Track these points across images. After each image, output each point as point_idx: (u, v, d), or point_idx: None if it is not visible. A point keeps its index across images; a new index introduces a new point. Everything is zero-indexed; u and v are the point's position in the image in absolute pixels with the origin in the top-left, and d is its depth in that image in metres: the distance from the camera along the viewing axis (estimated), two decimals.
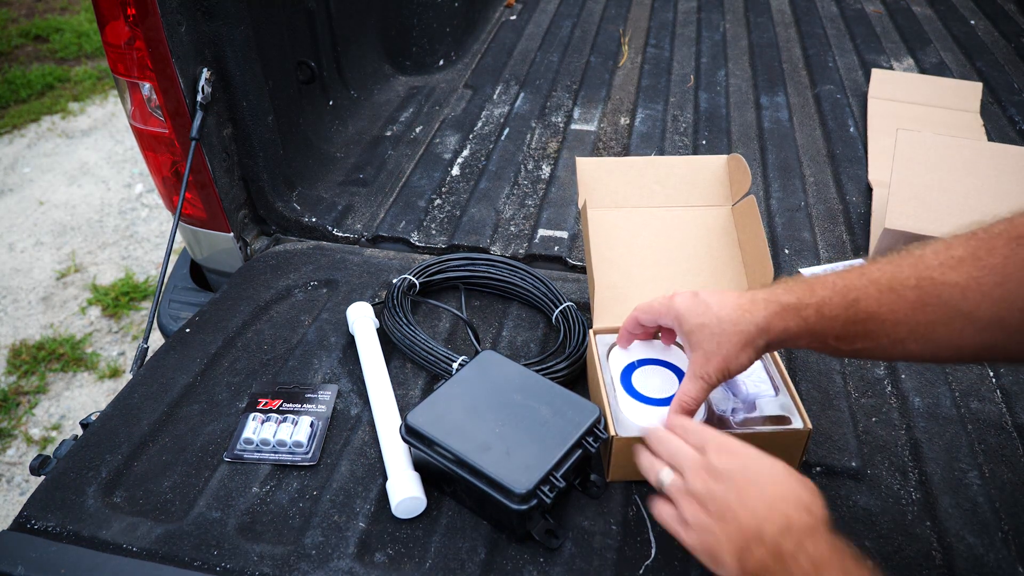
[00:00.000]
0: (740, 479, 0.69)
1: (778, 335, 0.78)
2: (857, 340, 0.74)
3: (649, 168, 1.17)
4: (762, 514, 0.66)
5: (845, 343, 0.75)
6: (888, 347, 0.73)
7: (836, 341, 0.75)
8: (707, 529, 0.68)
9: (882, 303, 0.72)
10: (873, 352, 0.75)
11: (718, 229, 1.15)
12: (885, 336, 0.72)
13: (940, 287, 0.69)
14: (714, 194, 1.17)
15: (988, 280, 0.67)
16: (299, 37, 1.55)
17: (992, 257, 0.67)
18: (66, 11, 4.51)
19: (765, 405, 0.95)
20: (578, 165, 1.15)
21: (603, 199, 1.16)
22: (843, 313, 0.74)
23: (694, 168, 1.17)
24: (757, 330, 0.78)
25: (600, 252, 1.12)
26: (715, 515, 0.68)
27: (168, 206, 1.42)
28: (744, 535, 0.65)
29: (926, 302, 0.70)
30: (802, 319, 0.76)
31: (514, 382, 0.95)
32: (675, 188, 1.17)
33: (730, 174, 1.16)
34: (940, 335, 0.70)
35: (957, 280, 0.68)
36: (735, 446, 0.73)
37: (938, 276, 0.69)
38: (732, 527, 0.66)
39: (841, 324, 0.74)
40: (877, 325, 0.72)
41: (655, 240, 1.15)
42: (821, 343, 0.77)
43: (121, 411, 1.04)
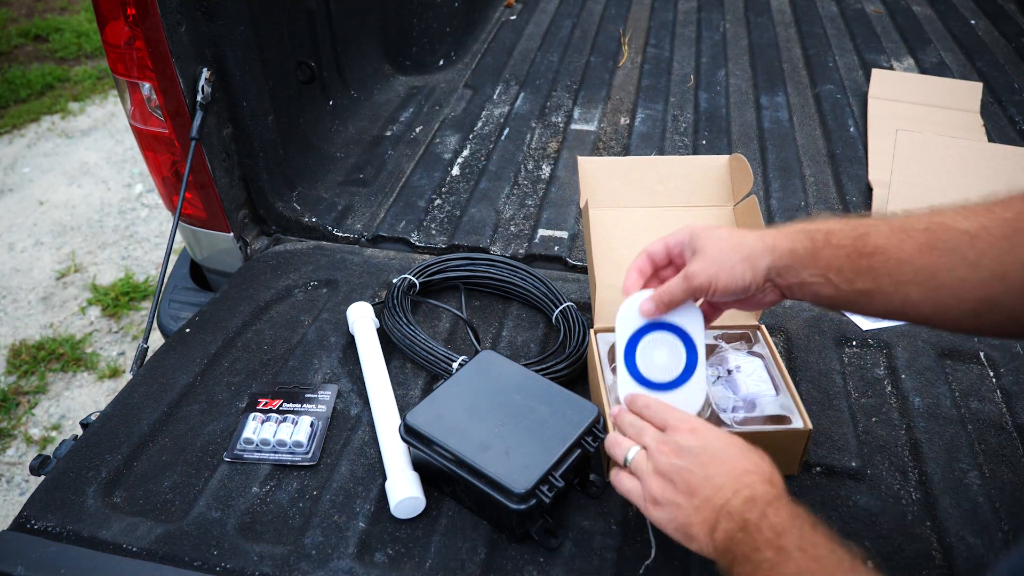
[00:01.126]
0: (704, 455, 0.72)
1: (783, 256, 0.77)
2: (859, 278, 0.72)
3: (651, 168, 1.17)
4: (728, 488, 0.69)
5: (846, 280, 0.73)
6: (889, 290, 0.71)
7: (838, 276, 0.73)
8: (676, 505, 0.71)
9: (891, 239, 0.71)
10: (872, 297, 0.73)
11: None
12: (888, 275, 0.71)
13: (949, 231, 0.69)
14: (716, 194, 1.17)
15: (997, 231, 0.66)
16: (299, 37, 1.55)
17: (1006, 211, 0.67)
18: (66, 11, 4.51)
19: (765, 405, 0.95)
20: (580, 164, 1.15)
21: (605, 198, 1.16)
22: (851, 243, 0.73)
23: (696, 168, 1.17)
24: (763, 246, 0.78)
25: (601, 252, 1.12)
26: (683, 491, 0.71)
27: (168, 206, 1.42)
28: (712, 509, 0.68)
29: (934, 245, 0.69)
30: (810, 240, 0.76)
31: (513, 382, 0.95)
32: (677, 188, 1.17)
33: (732, 174, 1.16)
34: (943, 281, 0.68)
35: (967, 227, 0.68)
36: (695, 423, 0.75)
37: (949, 222, 0.69)
38: (700, 501, 0.69)
39: (846, 255, 0.73)
40: (882, 261, 0.71)
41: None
42: (823, 277, 0.75)
43: (121, 411, 1.04)
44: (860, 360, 1.14)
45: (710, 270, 0.80)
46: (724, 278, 0.79)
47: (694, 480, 0.70)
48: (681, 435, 0.74)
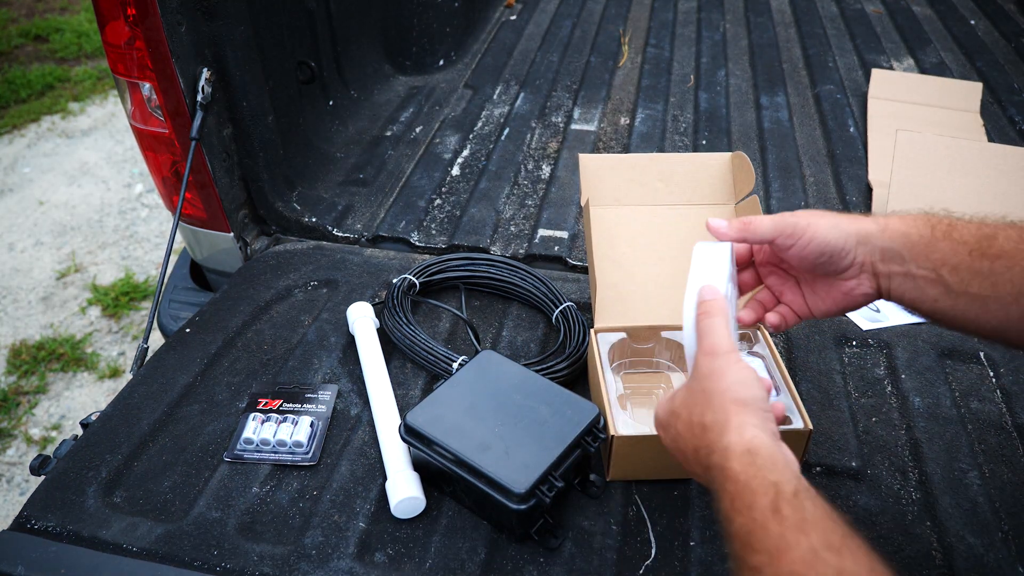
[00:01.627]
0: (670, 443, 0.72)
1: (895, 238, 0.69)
2: (976, 280, 0.65)
3: (652, 165, 1.17)
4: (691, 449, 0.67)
5: (960, 280, 0.66)
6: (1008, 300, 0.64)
7: (952, 275, 0.66)
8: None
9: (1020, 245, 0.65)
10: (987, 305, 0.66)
11: None
12: (1010, 283, 0.64)
13: None
14: (717, 192, 1.17)
15: None
16: (299, 37, 1.54)
17: None
18: (66, 11, 4.51)
19: None
20: (581, 162, 1.15)
21: (606, 196, 1.16)
22: (975, 243, 0.66)
23: (697, 166, 1.17)
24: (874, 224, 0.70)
25: (602, 250, 1.12)
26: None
27: (168, 206, 1.42)
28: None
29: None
30: (929, 227, 0.68)
31: (513, 382, 0.95)
32: (678, 186, 1.17)
33: (734, 172, 1.16)
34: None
35: None
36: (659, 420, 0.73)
37: None
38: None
39: (968, 252, 0.66)
40: (1006, 266, 0.64)
41: (658, 238, 1.15)
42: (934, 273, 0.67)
43: (121, 411, 1.04)
44: (860, 360, 1.14)
45: (809, 216, 0.72)
46: (823, 225, 0.71)
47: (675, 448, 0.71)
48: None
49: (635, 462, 0.93)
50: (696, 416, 0.65)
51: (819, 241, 0.71)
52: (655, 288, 1.10)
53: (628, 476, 0.95)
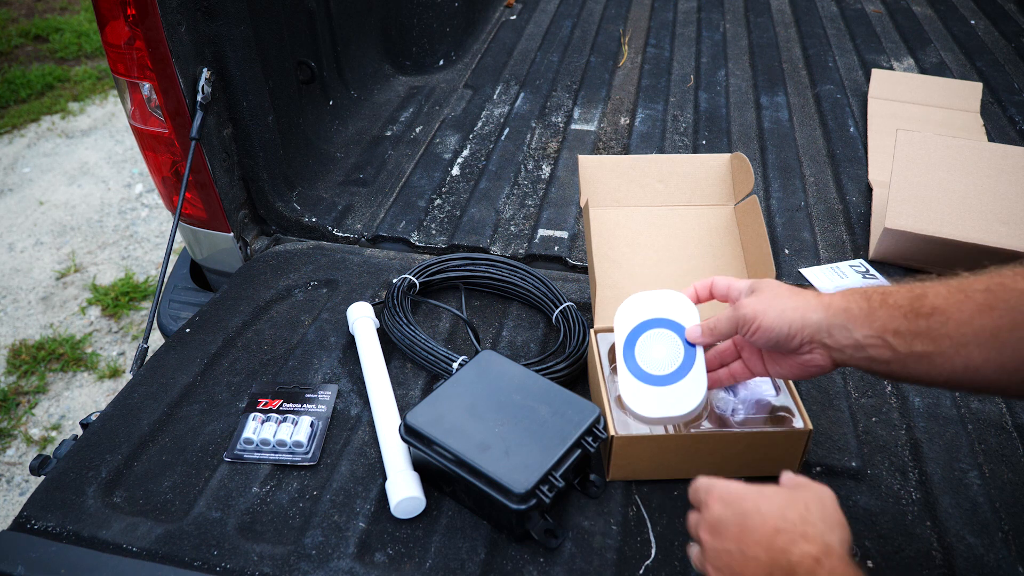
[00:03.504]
0: (734, 527, 0.66)
1: (837, 314, 0.75)
2: (918, 340, 0.70)
3: (652, 166, 1.17)
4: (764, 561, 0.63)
5: (904, 343, 0.71)
6: (950, 352, 0.69)
7: (895, 338, 0.71)
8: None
9: (949, 300, 0.69)
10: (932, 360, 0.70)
11: (720, 228, 1.15)
12: (948, 337, 0.69)
13: (1010, 292, 0.67)
14: (716, 193, 1.17)
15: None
16: (299, 37, 1.54)
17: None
18: (66, 11, 4.51)
19: (765, 405, 0.95)
20: (580, 163, 1.15)
21: (605, 197, 1.16)
22: (908, 304, 0.71)
23: (697, 166, 1.17)
24: (817, 302, 0.77)
25: (602, 251, 1.12)
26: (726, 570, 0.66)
27: (168, 206, 1.42)
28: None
29: (994, 305, 0.67)
30: (865, 299, 0.74)
31: (513, 382, 0.95)
32: (677, 187, 1.17)
33: (733, 173, 1.16)
34: (1005, 341, 0.67)
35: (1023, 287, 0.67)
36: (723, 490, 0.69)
37: (1009, 282, 0.68)
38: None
39: (903, 315, 0.71)
40: (941, 322, 0.69)
41: (657, 239, 1.15)
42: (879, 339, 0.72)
43: (121, 411, 1.04)
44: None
45: (759, 306, 0.79)
46: (771, 316, 0.78)
47: (734, 561, 0.65)
48: (711, 509, 0.69)
49: (635, 462, 0.93)
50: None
51: (766, 330, 0.79)
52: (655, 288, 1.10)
53: (628, 476, 0.95)
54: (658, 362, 0.91)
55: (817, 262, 1.34)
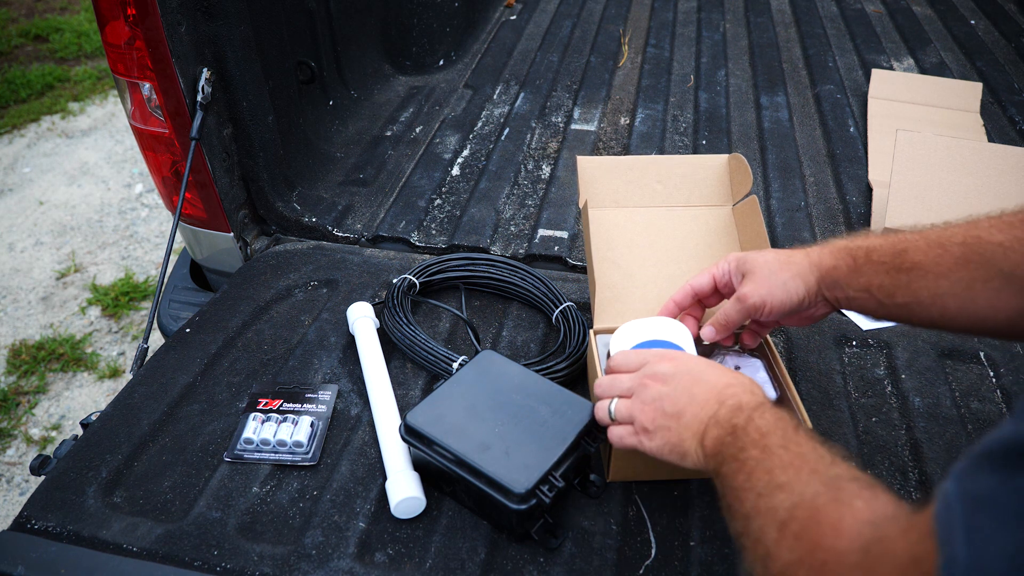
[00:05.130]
0: (685, 378, 0.75)
1: (828, 272, 0.81)
2: (899, 292, 0.76)
3: (650, 167, 1.17)
4: (713, 401, 0.72)
5: (886, 294, 0.77)
6: (928, 303, 0.74)
7: (880, 292, 0.77)
8: (667, 427, 0.74)
9: (928, 255, 0.74)
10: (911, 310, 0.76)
11: (719, 229, 1.15)
12: (926, 290, 0.74)
13: (985, 245, 0.71)
14: (715, 194, 1.17)
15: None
16: (299, 37, 1.54)
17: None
18: (66, 11, 4.51)
19: None
20: (579, 164, 1.15)
21: (604, 198, 1.16)
22: (891, 260, 0.76)
23: (695, 167, 1.17)
24: (808, 263, 0.83)
25: (600, 252, 1.12)
26: (671, 414, 0.74)
27: (168, 206, 1.42)
28: (701, 421, 0.71)
29: (969, 258, 0.72)
30: (852, 258, 0.80)
31: (513, 382, 0.95)
32: (676, 187, 1.17)
33: (731, 174, 1.16)
34: (978, 293, 0.71)
35: (1002, 240, 0.70)
36: (669, 353, 0.79)
37: (985, 235, 0.72)
38: (688, 418, 0.72)
39: (886, 271, 0.77)
40: (920, 276, 0.74)
41: (656, 240, 1.15)
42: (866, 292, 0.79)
43: (121, 411, 1.04)
44: (860, 360, 1.14)
45: (762, 290, 0.84)
46: (778, 295, 0.83)
47: (680, 401, 0.74)
48: (658, 364, 0.78)
49: (634, 463, 0.93)
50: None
51: (778, 310, 0.84)
52: (654, 289, 1.10)
53: (628, 477, 0.95)
54: None
55: None
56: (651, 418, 0.75)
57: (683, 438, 0.72)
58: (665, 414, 0.74)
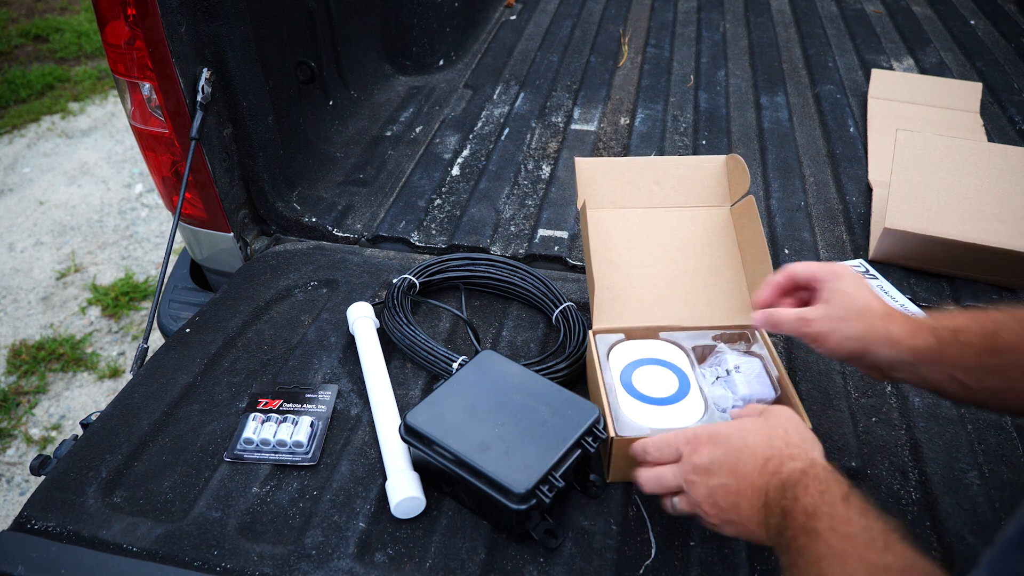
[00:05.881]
0: (727, 463, 0.72)
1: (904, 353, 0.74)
2: (988, 376, 0.70)
3: (648, 168, 1.17)
4: (759, 485, 0.69)
5: (974, 378, 0.70)
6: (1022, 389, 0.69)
7: (964, 374, 0.71)
8: (732, 521, 0.72)
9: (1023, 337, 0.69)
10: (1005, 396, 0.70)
11: (717, 229, 1.15)
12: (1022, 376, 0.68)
13: None
14: (713, 194, 1.17)
15: None
16: (299, 37, 1.54)
17: None
18: (66, 11, 4.51)
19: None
20: (577, 165, 1.15)
21: (602, 199, 1.16)
22: (980, 342, 0.70)
23: (693, 168, 1.17)
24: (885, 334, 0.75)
25: (599, 253, 1.12)
26: (728, 507, 0.71)
27: (168, 206, 1.42)
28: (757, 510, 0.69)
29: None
30: (935, 337, 0.73)
31: (513, 382, 0.95)
32: (674, 188, 1.17)
33: (729, 174, 1.16)
34: None
35: None
36: (704, 434, 0.75)
37: None
38: (745, 509, 0.70)
39: (975, 353, 0.70)
40: (1014, 360, 0.68)
41: (654, 241, 1.15)
42: (946, 375, 0.72)
43: (121, 411, 1.04)
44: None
45: (825, 325, 0.79)
46: (832, 342, 0.78)
47: (732, 492, 0.71)
48: (696, 456, 0.74)
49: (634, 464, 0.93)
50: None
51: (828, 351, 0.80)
52: (652, 289, 1.10)
53: (628, 477, 0.95)
54: (655, 388, 0.98)
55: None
56: (713, 514, 0.73)
57: (750, 530, 0.70)
58: (723, 509, 0.72)
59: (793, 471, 0.67)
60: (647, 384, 0.99)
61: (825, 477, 0.65)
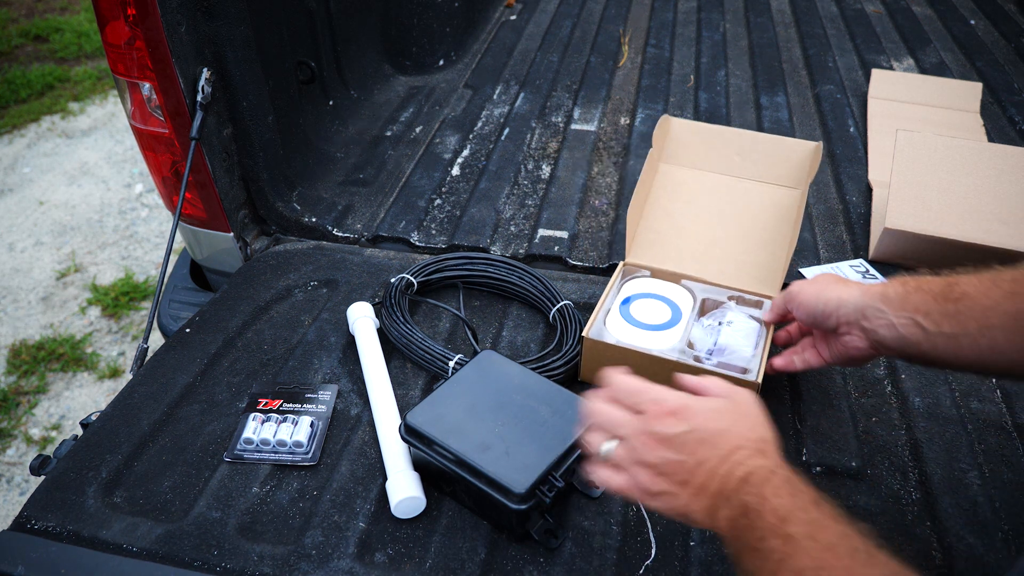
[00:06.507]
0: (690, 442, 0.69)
1: (874, 297, 0.84)
2: (946, 321, 0.77)
3: (735, 139, 1.24)
4: (720, 469, 0.66)
5: (932, 322, 0.78)
6: (975, 334, 0.75)
7: (924, 318, 0.78)
8: (672, 495, 0.69)
9: (978, 287, 0.76)
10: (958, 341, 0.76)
11: (781, 209, 1.20)
12: (974, 320, 0.75)
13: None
14: (788, 176, 1.22)
15: None
16: (299, 37, 1.54)
17: None
18: (66, 11, 4.51)
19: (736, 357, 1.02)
20: (662, 122, 1.23)
21: (682, 157, 1.25)
22: (939, 289, 0.78)
23: (778, 146, 1.22)
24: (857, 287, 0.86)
25: (660, 201, 1.23)
26: (676, 482, 0.68)
27: (168, 206, 1.42)
28: (709, 495, 0.66)
29: (1018, 292, 0.73)
30: (901, 285, 0.82)
31: (514, 382, 0.95)
32: (754, 163, 1.23)
33: (811, 162, 1.19)
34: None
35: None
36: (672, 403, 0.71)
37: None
38: (695, 489, 0.67)
39: (933, 298, 0.78)
40: (968, 306, 0.75)
41: (717, 204, 1.22)
42: (909, 319, 0.80)
43: (121, 411, 1.04)
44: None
45: (803, 285, 0.91)
46: (809, 292, 0.90)
47: (685, 467, 0.68)
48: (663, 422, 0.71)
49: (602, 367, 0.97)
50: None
51: (803, 304, 0.91)
52: (694, 243, 1.19)
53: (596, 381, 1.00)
54: (645, 316, 1.09)
55: (817, 262, 1.34)
56: (652, 480, 0.70)
57: (690, 509, 0.68)
58: (669, 481, 0.69)
59: (761, 468, 0.65)
60: (641, 312, 1.09)
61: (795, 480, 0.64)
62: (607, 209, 1.48)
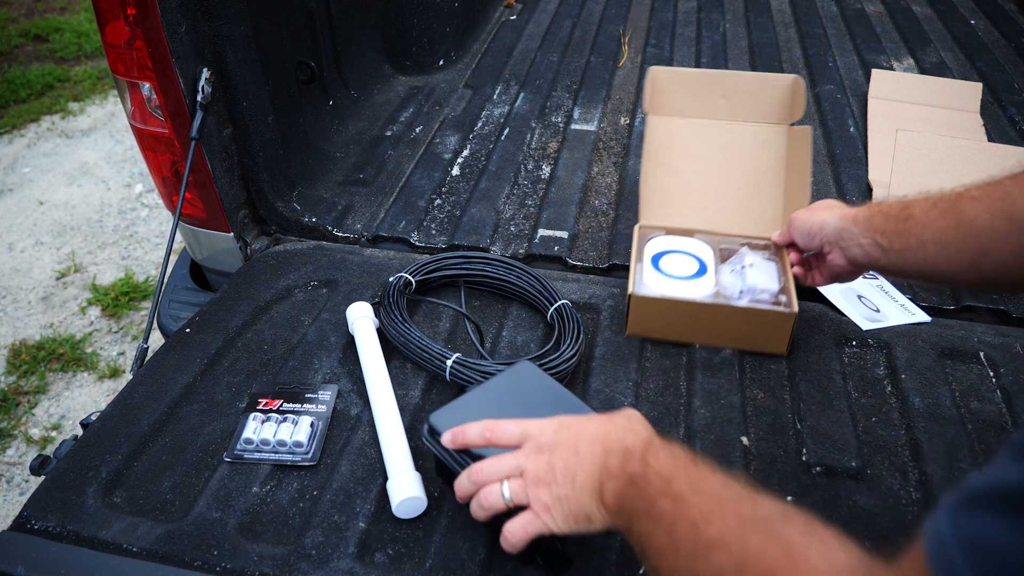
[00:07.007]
0: (569, 439, 0.72)
1: (848, 221, 0.97)
2: (896, 239, 0.89)
3: (717, 82, 1.26)
4: (599, 451, 0.70)
5: (887, 239, 0.90)
6: (915, 249, 0.87)
7: (883, 238, 0.91)
8: (564, 496, 0.70)
9: (924, 209, 0.87)
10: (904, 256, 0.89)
11: (770, 146, 1.25)
12: (915, 236, 0.87)
13: (966, 201, 0.83)
14: (774, 112, 1.26)
15: (996, 193, 0.80)
16: (299, 37, 1.55)
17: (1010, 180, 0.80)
18: (66, 11, 4.51)
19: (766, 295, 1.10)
20: (650, 73, 1.26)
21: (670, 107, 1.26)
22: (895, 211, 0.91)
23: (760, 85, 1.26)
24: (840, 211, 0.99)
25: (658, 157, 1.25)
26: (564, 480, 0.70)
27: (168, 206, 1.42)
28: (592, 476, 0.69)
29: (947, 211, 0.84)
30: (868, 210, 0.96)
31: (546, 396, 0.91)
32: (739, 104, 1.26)
33: (792, 96, 1.24)
34: (950, 238, 0.83)
35: (973, 195, 0.83)
36: (548, 422, 0.76)
37: (964, 193, 0.84)
38: (582, 476, 0.69)
39: (890, 219, 0.91)
40: (911, 225, 0.87)
41: (710, 151, 1.25)
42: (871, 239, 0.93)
43: (121, 411, 1.04)
44: (860, 360, 1.14)
45: (800, 212, 1.06)
46: (802, 217, 1.05)
47: (569, 463, 0.71)
48: (540, 437, 0.74)
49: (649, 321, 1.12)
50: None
51: (795, 227, 1.07)
52: (699, 195, 1.23)
53: (642, 333, 1.13)
54: (677, 268, 1.16)
55: None
56: (547, 491, 0.71)
57: (582, 501, 0.69)
58: (558, 483, 0.70)
59: (637, 441, 0.69)
60: (671, 265, 1.16)
61: (669, 445, 0.68)
62: (607, 209, 1.48)
